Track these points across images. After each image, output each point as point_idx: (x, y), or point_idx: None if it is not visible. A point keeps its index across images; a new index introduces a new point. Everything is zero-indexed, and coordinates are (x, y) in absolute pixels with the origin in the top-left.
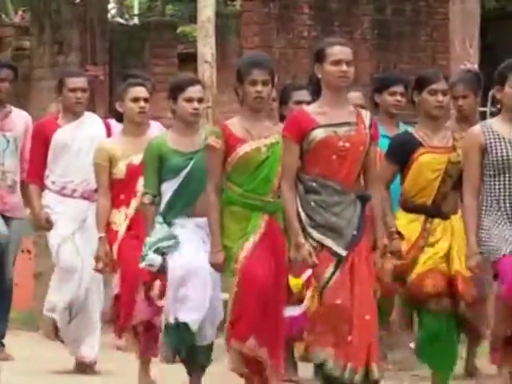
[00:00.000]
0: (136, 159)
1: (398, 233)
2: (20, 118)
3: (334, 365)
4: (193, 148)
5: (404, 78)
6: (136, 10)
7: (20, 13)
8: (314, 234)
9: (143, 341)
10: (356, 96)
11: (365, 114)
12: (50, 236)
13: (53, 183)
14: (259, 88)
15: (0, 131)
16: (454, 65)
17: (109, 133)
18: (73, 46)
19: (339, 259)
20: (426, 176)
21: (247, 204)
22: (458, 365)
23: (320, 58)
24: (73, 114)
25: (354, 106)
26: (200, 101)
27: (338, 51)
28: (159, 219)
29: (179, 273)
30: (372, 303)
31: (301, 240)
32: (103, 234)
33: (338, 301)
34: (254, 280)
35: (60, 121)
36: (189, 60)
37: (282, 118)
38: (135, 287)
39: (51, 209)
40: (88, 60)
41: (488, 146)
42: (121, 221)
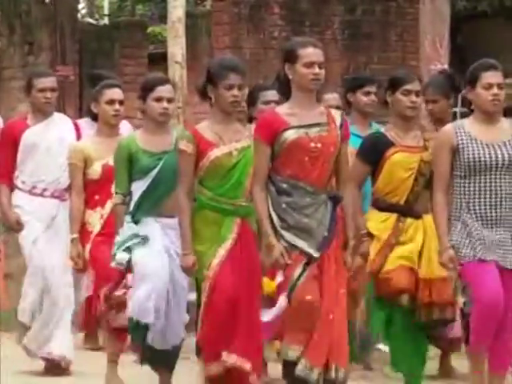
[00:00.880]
0: (111, 160)
1: (367, 234)
2: None
3: (302, 364)
4: (163, 148)
5: (376, 78)
6: (106, 10)
7: None
8: (286, 235)
9: (120, 338)
10: (333, 97)
11: (335, 113)
12: (21, 236)
13: (23, 183)
14: (236, 92)
15: None
16: (424, 65)
17: (78, 133)
18: (43, 46)
19: (309, 259)
20: (399, 175)
21: (219, 208)
22: (433, 364)
23: (291, 58)
24: (42, 114)
25: (328, 107)
26: (170, 100)
27: (312, 53)
28: (128, 219)
29: (141, 271)
30: (340, 303)
31: (272, 241)
32: (76, 235)
33: (307, 297)
34: (225, 291)
35: (29, 121)
36: (159, 60)
37: (250, 119)
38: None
39: (21, 208)
40: (58, 60)
41: (460, 147)
42: (96, 221)
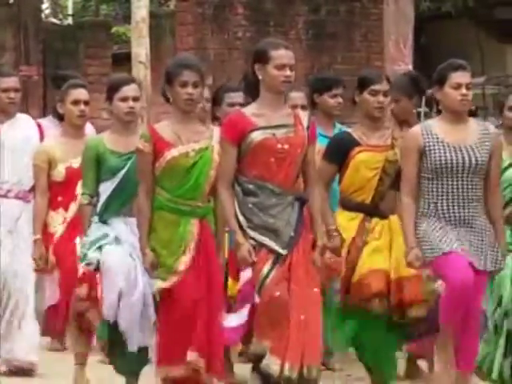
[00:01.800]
0: (76, 162)
1: (336, 230)
2: None
3: (270, 360)
4: (130, 148)
5: (342, 80)
6: (70, 10)
7: None
8: (253, 234)
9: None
10: (298, 96)
11: (302, 115)
12: None
13: None
14: (190, 90)
15: None
16: (388, 65)
17: (41, 133)
18: (6, 46)
19: (277, 257)
20: (364, 174)
21: (176, 209)
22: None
23: (262, 59)
24: (5, 114)
25: (294, 106)
26: (135, 99)
27: (283, 55)
28: (95, 219)
29: (110, 272)
30: (311, 304)
31: (240, 239)
32: (39, 236)
33: (276, 293)
34: (183, 299)
35: None
36: (123, 60)
37: (215, 119)
38: (73, 291)
39: None
40: (22, 60)
41: (427, 149)
42: (58, 223)
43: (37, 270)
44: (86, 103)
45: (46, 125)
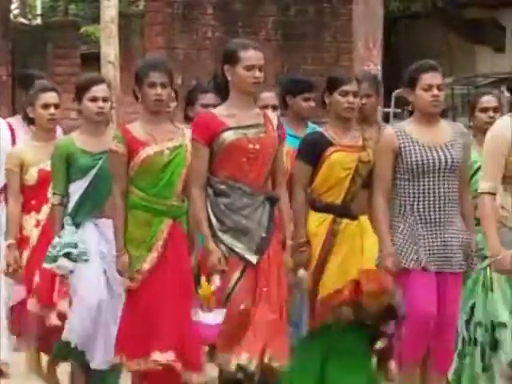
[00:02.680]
0: (48, 165)
1: (306, 244)
2: None
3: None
4: (101, 148)
5: (315, 83)
6: (39, 10)
7: None
8: (225, 238)
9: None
10: (269, 96)
11: (272, 115)
12: None
13: None
14: (158, 91)
15: None
16: (357, 65)
17: (12, 133)
18: None
19: (247, 263)
20: (337, 174)
21: (150, 208)
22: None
23: (232, 60)
24: None
25: (265, 106)
26: (105, 100)
27: (253, 56)
28: (68, 220)
29: (78, 295)
30: (279, 304)
31: (211, 245)
32: (13, 241)
33: (241, 306)
34: (146, 299)
35: None
36: (92, 60)
37: (187, 118)
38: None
39: None
40: None
41: (402, 150)
42: (31, 226)
43: (7, 273)
44: (57, 106)
45: (15, 124)
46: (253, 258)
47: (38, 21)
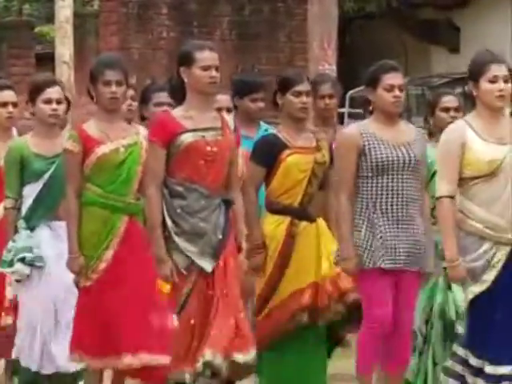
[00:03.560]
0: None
1: (261, 247)
2: None
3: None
4: (55, 151)
5: (264, 82)
6: None
7: None
8: (179, 242)
9: None
10: (225, 99)
11: (228, 118)
12: None
13: None
14: (113, 89)
15: None
16: (312, 66)
17: None
18: None
19: (200, 271)
20: (294, 176)
21: (108, 205)
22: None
23: (187, 61)
24: None
25: (219, 109)
26: (59, 102)
27: (208, 56)
28: (22, 224)
29: (27, 315)
30: (238, 306)
31: (164, 257)
32: None
33: (191, 321)
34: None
35: None
36: (46, 60)
37: (141, 118)
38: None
39: None
40: None
41: (366, 149)
42: None
43: None
44: (15, 105)
45: None
46: (207, 266)
47: None
